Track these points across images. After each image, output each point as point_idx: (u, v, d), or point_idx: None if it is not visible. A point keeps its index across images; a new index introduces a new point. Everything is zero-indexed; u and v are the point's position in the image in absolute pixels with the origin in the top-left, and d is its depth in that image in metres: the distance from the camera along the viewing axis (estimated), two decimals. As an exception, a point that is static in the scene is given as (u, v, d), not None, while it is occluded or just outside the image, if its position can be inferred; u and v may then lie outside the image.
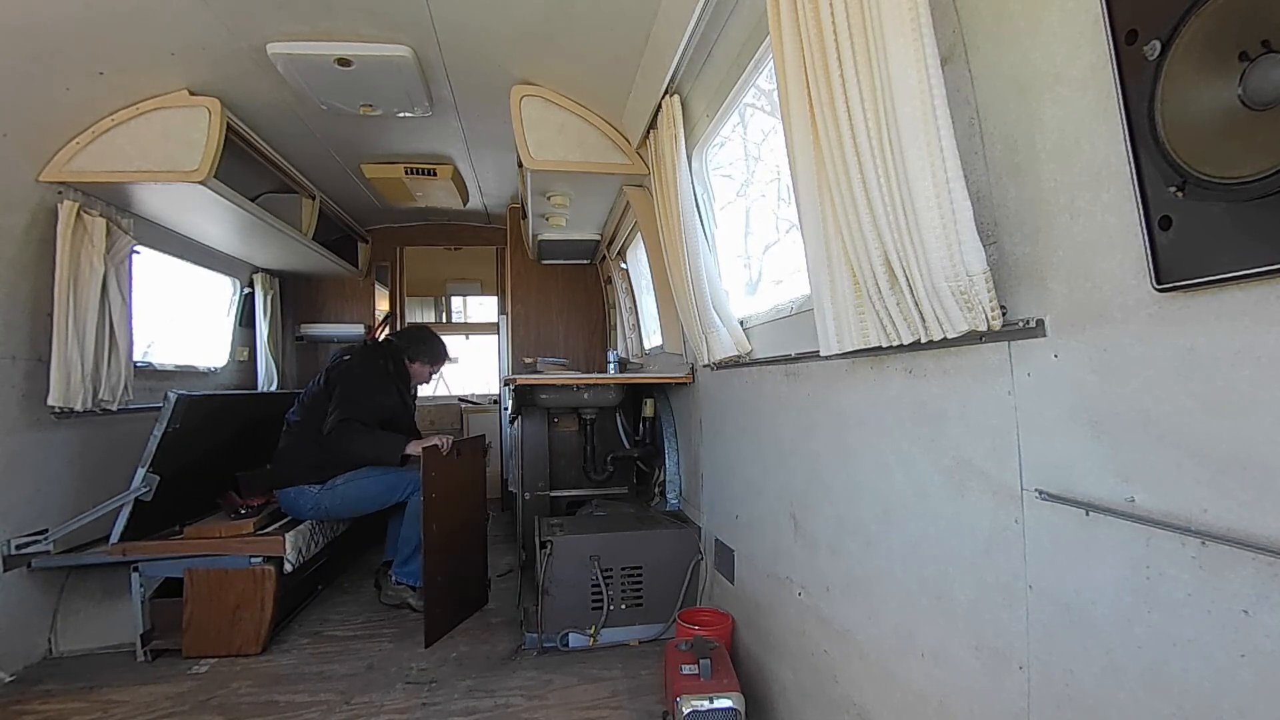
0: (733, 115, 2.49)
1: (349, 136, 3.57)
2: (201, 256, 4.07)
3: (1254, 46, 0.70)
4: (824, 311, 1.49)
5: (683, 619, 2.54)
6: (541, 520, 3.15)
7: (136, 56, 2.58)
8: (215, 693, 2.46)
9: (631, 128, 2.95)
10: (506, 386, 4.51)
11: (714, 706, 1.89)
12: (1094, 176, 0.94)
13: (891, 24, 1.11)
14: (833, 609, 1.81)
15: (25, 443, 2.69)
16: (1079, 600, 1.01)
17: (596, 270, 5.53)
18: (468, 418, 6.96)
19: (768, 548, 2.27)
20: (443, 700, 2.39)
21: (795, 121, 1.44)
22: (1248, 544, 0.76)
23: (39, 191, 2.76)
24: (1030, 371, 1.10)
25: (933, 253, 1.11)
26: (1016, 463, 1.13)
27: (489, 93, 3.06)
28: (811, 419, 1.94)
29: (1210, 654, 0.81)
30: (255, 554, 2.82)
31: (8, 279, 2.64)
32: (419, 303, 7.72)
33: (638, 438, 3.89)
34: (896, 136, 1.13)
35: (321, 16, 2.44)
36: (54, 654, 2.78)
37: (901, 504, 1.48)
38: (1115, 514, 0.94)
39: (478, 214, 5.45)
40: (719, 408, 2.83)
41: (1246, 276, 0.74)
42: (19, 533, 2.62)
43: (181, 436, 2.79)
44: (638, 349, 4.59)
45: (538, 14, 2.42)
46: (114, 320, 2.96)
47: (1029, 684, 1.11)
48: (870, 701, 1.61)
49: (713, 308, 2.51)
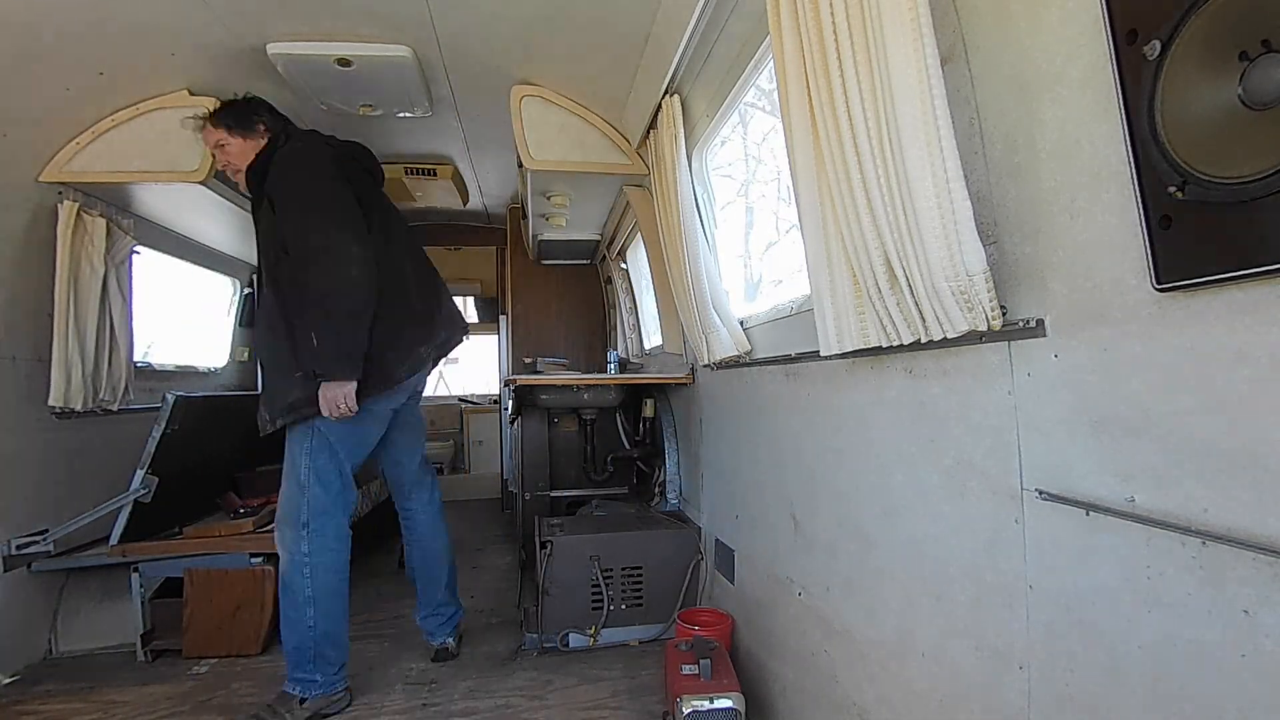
0: (733, 115, 2.49)
1: (349, 136, 3.55)
2: (201, 256, 4.07)
3: (1254, 46, 0.70)
4: (824, 311, 1.49)
5: (683, 619, 2.54)
6: (541, 520, 3.15)
7: (136, 57, 2.58)
8: (215, 693, 2.46)
9: (631, 128, 2.95)
10: (506, 387, 4.51)
11: (714, 706, 1.89)
12: (1094, 176, 0.94)
13: (891, 24, 1.11)
14: (833, 609, 1.81)
15: (25, 443, 2.69)
16: (1079, 600, 1.01)
17: (596, 270, 5.53)
18: (467, 418, 6.97)
19: (768, 548, 2.27)
20: (443, 701, 2.39)
21: (795, 121, 1.44)
22: (1248, 544, 0.76)
23: (39, 192, 2.76)
24: (1030, 371, 1.10)
25: (933, 253, 1.11)
26: (1017, 463, 1.13)
27: (489, 93, 3.06)
28: (811, 419, 1.94)
29: (1211, 654, 0.81)
30: (255, 553, 2.82)
31: (8, 279, 2.64)
32: (419, 303, 7.73)
33: (638, 438, 3.89)
34: (896, 136, 1.13)
35: (321, 16, 2.44)
36: (54, 654, 2.77)
37: (902, 504, 1.48)
38: (1115, 514, 0.94)
39: (478, 214, 5.44)
40: (719, 408, 2.83)
41: (1246, 276, 0.74)
42: (19, 533, 2.61)
43: (180, 437, 2.79)
44: (638, 349, 4.59)
45: (538, 14, 2.42)
46: (114, 320, 2.96)
47: (1029, 684, 1.11)
48: (870, 701, 1.61)
49: (713, 308, 2.51)
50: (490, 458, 6.49)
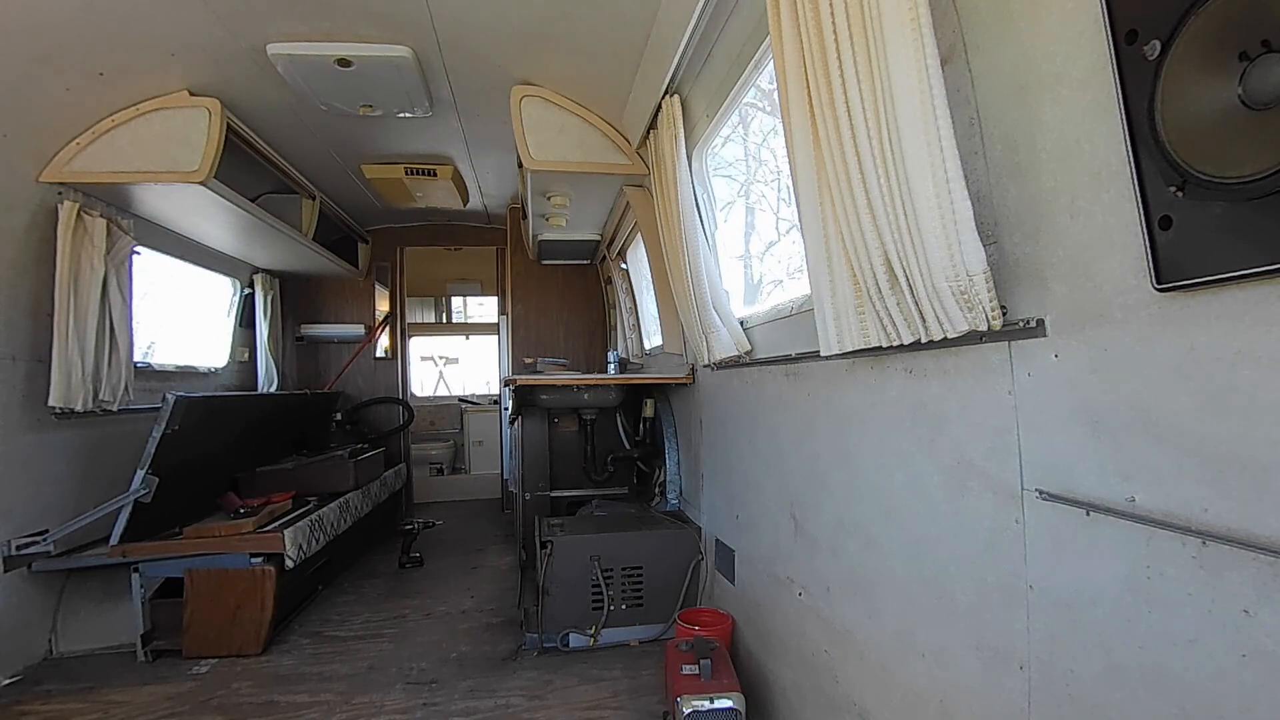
0: (733, 115, 2.49)
1: (349, 137, 3.57)
2: (202, 257, 4.07)
3: (1254, 46, 0.70)
4: (824, 311, 1.49)
5: (683, 619, 2.54)
6: (542, 520, 3.15)
7: (137, 57, 2.58)
8: (215, 693, 2.46)
9: (631, 128, 2.95)
10: (507, 387, 4.51)
11: (714, 707, 1.89)
12: (1094, 176, 0.94)
13: (891, 24, 1.11)
14: (833, 609, 1.81)
15: (26, 443, 2.69)
16: (1080, 600, 1.01)
17: (596, 270, 5.53)
18: (468, 418, 6.97)
19: (768, 548, 2.27)
20: (443, 700, 2.39)
21: (795, 121, 1.44)
22: (1248, 544, 0.76)
23: (39, 192, 2.76)
24: (1030, 371, 1.10)
25: (933, 253, 1.11)
26: (1017, 463, 1.13)
27: (489, 93, 3.06)
28: (812, 419, 1.94)
29: (1211, 654, 0.81)
30: (255, 552, 2.82)
31: (8, 280, 2.64)
32: (419, 303, 7.74)
33: (638, 438, 3.90)
34: (896, 136, 1.13)
35: (321, 17, 2.44)
36: (54, 654, 2.77)
37: (902, 504, 1.48)
38: (1116, 514, 0.94)
39: (478, 214, 5.45)
40: (719, 408, 2.83)
41: (1246, 276, 0.74)
42: (19, 533, 2.61)
43: (180, 438, 2.79)
44: (638, 349, 4.59)
45: (538, 14, 2.42)
46: (114, 321, 2.96)
47: (1029, 684, 1.11)
48: (870, 702, 1.61)
49: (713, 308, 2.51)
50: (490, 458, 6.49)
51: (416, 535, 4.23)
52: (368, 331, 5.61)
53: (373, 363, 5.70)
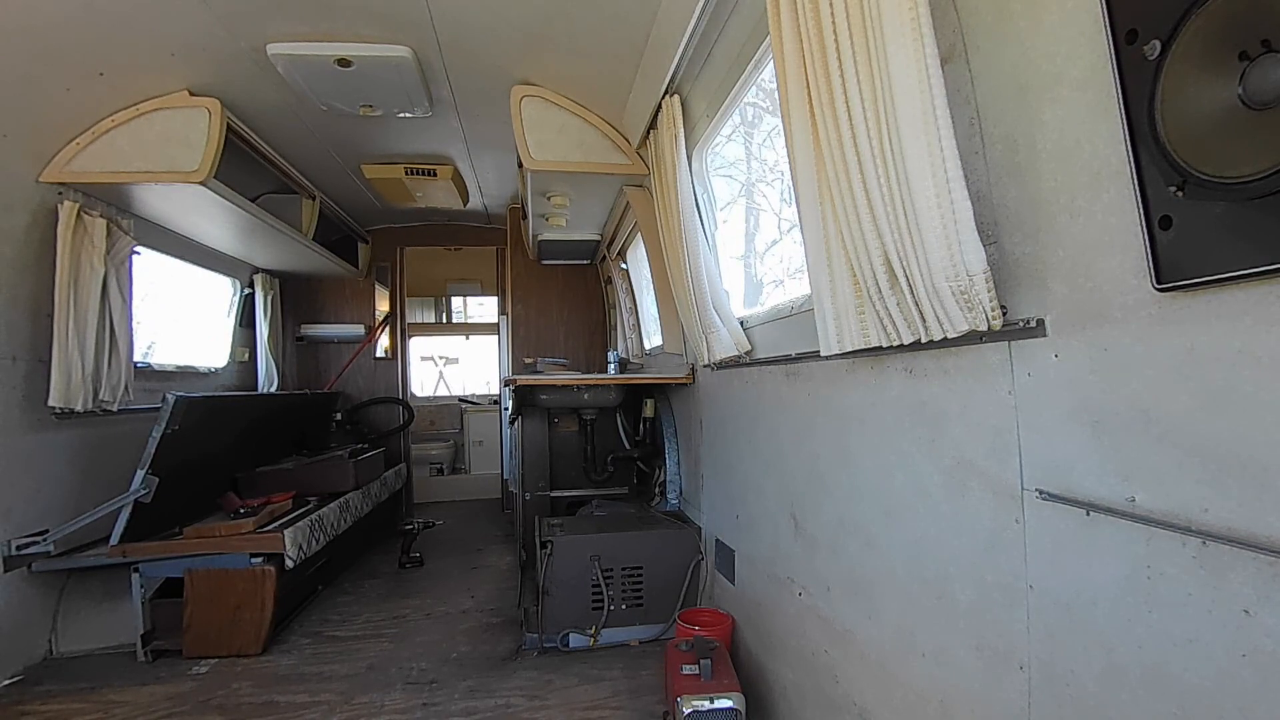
0: (733, 115, 2.49)
1: (349, 137, 3.57)
2: (202, 257, 4.07)
3: (1254, 46, 0.70)
4: (824, 311, 1.49)
5: (683, 619, 2.54)
6: (542, 520, 3.15)
7: (137, 57, 2.58)
8: (216, 693, 2.46)
9: (631, 128, 2.95)
10: (507, 387, 4.51)
11: (714, 707, 1.89)
12: (1094, 176, 0.94)
13: (891, 24, 1.11)
14: (833, 609, 1.81)
15: (26, 443, 2.69)
16: (1080, 600, 1.01)
17: (596, 270, 5.53)
18: (468, 418, 6.98)
19: (768, 548, 2.27)
20: (443, 700, 2.39)
21: (795, 121, 1.44)
22: (1249, 544, 0.76)
23: (39, 192, 2.76)
24: (1030, 371, 1.10)
25: (933, 253, 1.11)
26: (1017, 463, 1.13)
27: (489, 93, 3.06)
28: (812, 419, 1.94)
29: (1211, 654, 0.81)
30: (255, 552, 2.82)
31: (8, 280, 2.64)
32: (419, 303, 7.75)
33: (638, 438, 3.89)
34: (896, 136, 1.13)
35: (321, 17, 2.44)
36: (55, 654, 2.77)
37: (902, 504, 1.48)
38: (1116, 514, 0.94)
39: (478, 214, 5.45)
40: (719, 408, 2.83)
41: (1246, 276, 0.74)
42: (19, 533, 2.62)
43: (180, 438, 2.79)
44: (638, 349, 4.59)
45: (538, 14, 2.42)
46: (114, 321, 2.96)
47: (1030, 684, 1.11)
48: (871, 702, 1.61)
49: (713, 308, 2.51)
50: (490, 458, 6.49)
51: (416, 535, 4.23)
52: (368, 331, 5.61)
53: (373, 363, 5.70)
